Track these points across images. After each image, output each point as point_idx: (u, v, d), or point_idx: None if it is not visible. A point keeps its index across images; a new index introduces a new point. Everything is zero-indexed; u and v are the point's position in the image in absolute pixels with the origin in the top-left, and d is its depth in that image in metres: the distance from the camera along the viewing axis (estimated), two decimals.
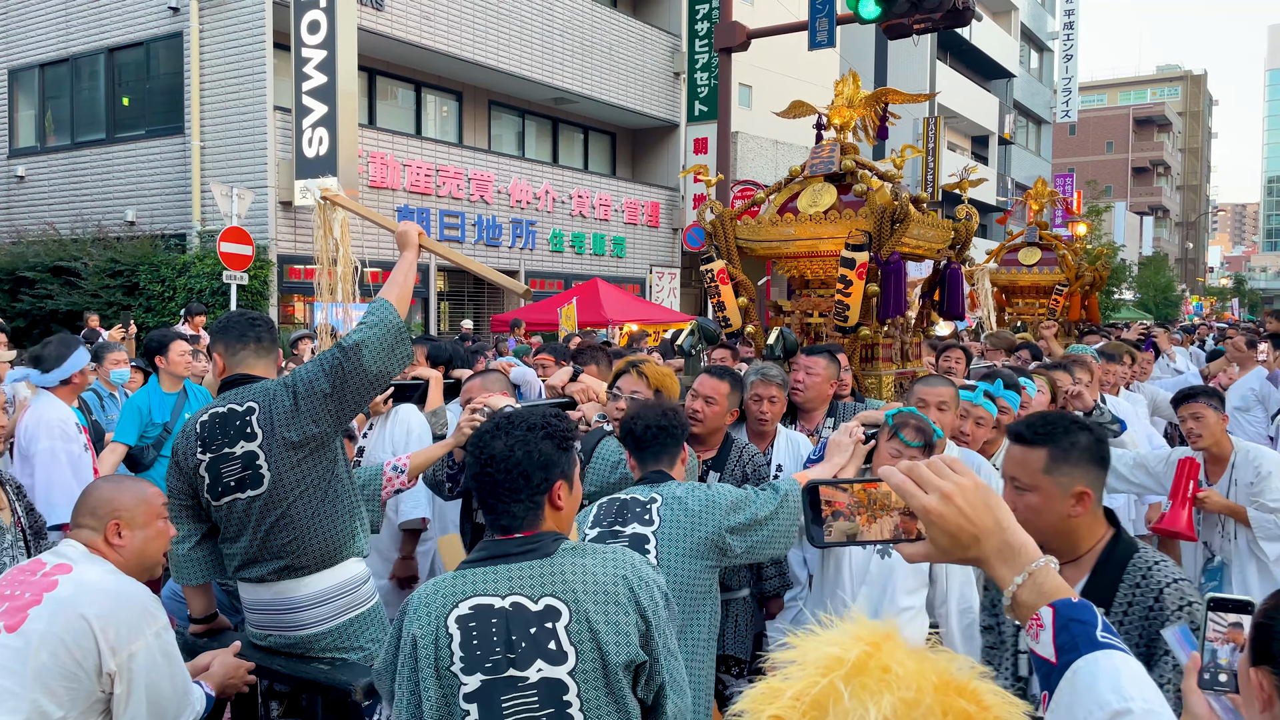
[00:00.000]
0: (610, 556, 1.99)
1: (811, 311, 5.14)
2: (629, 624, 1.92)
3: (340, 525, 2.93)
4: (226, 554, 2.95)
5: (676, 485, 2.82)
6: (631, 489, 2.84)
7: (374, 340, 2.84)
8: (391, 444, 4.21)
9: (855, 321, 4.78)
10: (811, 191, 5.09)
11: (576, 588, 1.91)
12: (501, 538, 1.98)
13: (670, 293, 21.06)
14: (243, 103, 13.89)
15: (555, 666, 1.86)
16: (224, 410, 2.87)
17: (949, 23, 10.67)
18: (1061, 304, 9.52)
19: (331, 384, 2.80)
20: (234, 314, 3.10)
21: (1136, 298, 43.94)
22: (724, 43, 12.65)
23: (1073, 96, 45.73)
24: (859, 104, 5.11)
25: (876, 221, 4.69)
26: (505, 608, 1.88)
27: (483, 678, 1.85)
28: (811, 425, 4.35)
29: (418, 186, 15.81)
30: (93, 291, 13.46)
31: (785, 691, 0.86)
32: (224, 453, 2.83)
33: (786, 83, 23.19)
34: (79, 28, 15.72)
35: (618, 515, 2.72)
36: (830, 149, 5.08)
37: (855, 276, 4.67)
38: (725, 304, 5.10)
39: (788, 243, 5.03)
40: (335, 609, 2.93)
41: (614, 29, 19.73)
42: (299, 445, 2.81)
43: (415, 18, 15.67)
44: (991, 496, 1.15)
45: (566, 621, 1.88)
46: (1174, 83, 78.16)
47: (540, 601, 1.89)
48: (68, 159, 16.00)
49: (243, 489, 2.83)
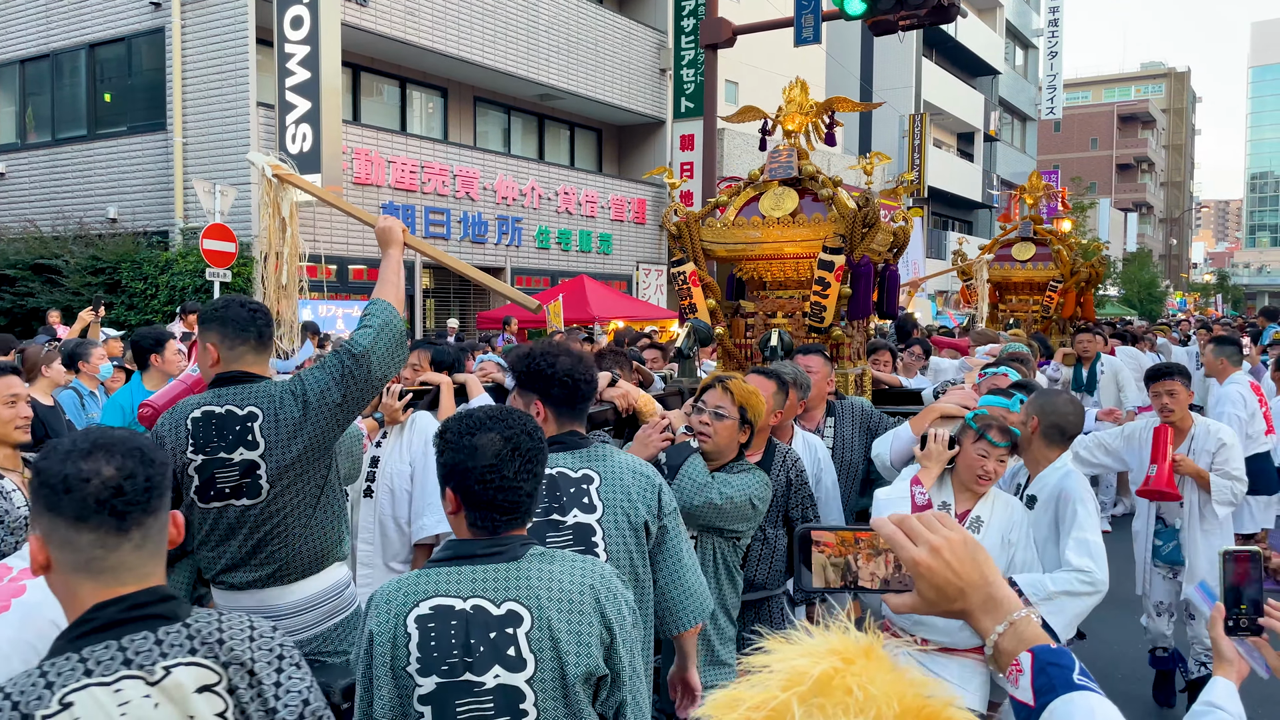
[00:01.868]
0: (579, 565, 1.93)
1: (774, 312, 5.24)
2: (592, 635, 1.86)
3: (329, 531, 2.86)
4: (206, 558, 2.82)
5: (609, 457, 2.59)
6: (551, 457, 2.46)
7: (382, 346, 2.78)
8: (410, 452, 4.06)
9: (830, 322, 4.89)
10: (773, 195, 5.19)
11: (541, 594, 1.85)
12: (472, 538, 1.92)
13: (657, 289, 21.04)
14: (225, 99, 13.79)
15: (513, 673, 1.81)
16: (222, 411, 2.69)
17: (934, 19, 10.69)
18: (1056, 300, 9.47)
19: (343, 393, 2.72)
20: (231, 301, 2.83)
21: (1121, 294, 44.19)
22: (710, 39, 12.63)
23: (1057, 93, 45.95)
24: (809, 110, 5.25)
25: (849, 225, 4.82)
26: (466, 610, 1.83)
27: (438, 680, 1.80)
28: (812, 424, 4.31)
29: (403, 183, 15.74)
30: (74, 289, 13.34)
31: (744, 702, 0.83)
32: (220, 457, 2.68)
33: (772, 79, 23.19)
34: (60, 23, 15.57)
35: (551, 498, 2.49)
36: (788, 154, 5.20)
37: (833, 279, 4.80)
38: (697, 306, 5.20)
39: (752, 245, 5.14)
40: (319, 616, 2.86)
41: (600, 25, 19.68)
42: (302, 456, 2.71)
43: (400, 13, 15.59)
44: (979, 552, 1.18)
45: (528, 628, 1.82)
46: (1158, 80, 78.59)
47: (503, 605, 1.83)
48: (49, 155, 15.86)
49: (238, 497, 2.70)
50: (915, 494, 3.28)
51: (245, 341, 2.75)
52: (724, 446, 3.21)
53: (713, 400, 3.22)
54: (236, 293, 12.72)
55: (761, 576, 3.56)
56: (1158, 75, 79.35)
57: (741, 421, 3.19)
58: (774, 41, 17.01)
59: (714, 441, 3.19)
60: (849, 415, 4.36)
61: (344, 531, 2.95)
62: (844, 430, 4.33)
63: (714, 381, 3.28)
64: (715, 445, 3.20)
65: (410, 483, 4.04)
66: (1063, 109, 49.56)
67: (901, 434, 3.80)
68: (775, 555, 3.60)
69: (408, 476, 4.03)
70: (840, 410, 4.37)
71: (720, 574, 3.22)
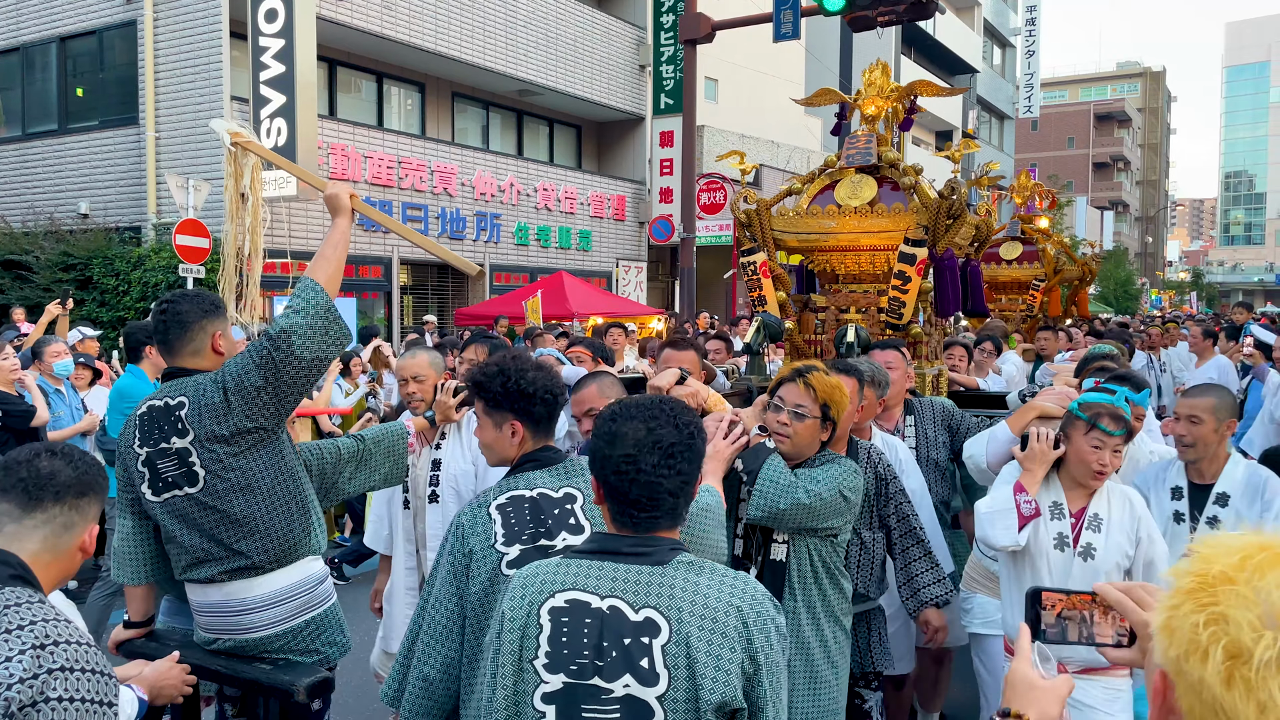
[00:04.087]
0: (729, 581, 1.74)
1: (847, 307, 4.93)
2: (732, 660, 1.67)
3: (293, 522, 2.81)
4: (172, 554, 2.83)
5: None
6: (528, 477, 2.33)
7: (303, 326, 2.70)
8: (470, 450, 3.72)
9: (909, 318, 4.62)
10: (850, 183, 4.86)
11: (683, 605, 1.68)
12: (616, 532, 1.78)
13: (637, 286, 20.99)
14: (199, 93, 13.62)
15: (645, 687, 1.65)
16: (160, 404, 2.77)
17: (912, 15, 10.70)
18: (1039, 299, 9.47)
19: (263, 377, 2.67)
20: (154, 308, 2.94)
21: (1097, 291, 44.55)
22: (689, 35, 12.60)
23: (1035, 92, 46.22)
24: (890, 94, 4.90)
25: (932, 216, 4.51)
26: (602, 609, 1.69)
27: (565, 679, 1.68)
28: (891, 424, 4.04)
29: (380, 179, 15.61)
30: (44, 286, 13.15)
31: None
32: (160, 448, 2.73)
33: (752, 76, 23.20)
34: (30, 16, 15.34)
35: (535, 522, 2.26)
36: (866, 140, 4.87)
37: (914, 273, 4.50)
38: (766, 298, 4.89)
39: (826, 236, 4.80)
40: (290, 610, 2.81)
41: (578, 21, 19.61)
42: (230, 440, 2.70)
43: (376, 7, 15.45)
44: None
45: (664, 640, 1.66)
46: (1133, 79, 79.25)
47: (641, 611, 1.68)
48: (19, 150, 15.62)
49: (179, 486, 2.73)
50: (1020, 504, 3.02)
51: (160, 341, 2.86)
52: (804, 447, 2.93)
53: (791, 397, 2.92)
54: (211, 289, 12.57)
55: (862, 584, 3.27)
56: (1133, 75, 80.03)
57: (823, 419, 2.91)
58: (753, 39, 17.00)
59: (793, 442, 2.91)
60: (929, 413, 4.10)
61: (312, 523, 2.90)
62: (925, 428, 4.06)
63: (792, 375, 2.96)
64: (795, 446, 2.92)
65: (476, 482, 3.76)
66: (1040, 108, 49.88)
67: (999, 434, 3.53)
68: (874, 561, 3.31)
69: (472, 476, 3.75)
70: (919, 408, 4.11)
71: (822, 577, 2.94)
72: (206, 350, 2.86)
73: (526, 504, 2.27)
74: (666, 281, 22.90)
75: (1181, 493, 3.53)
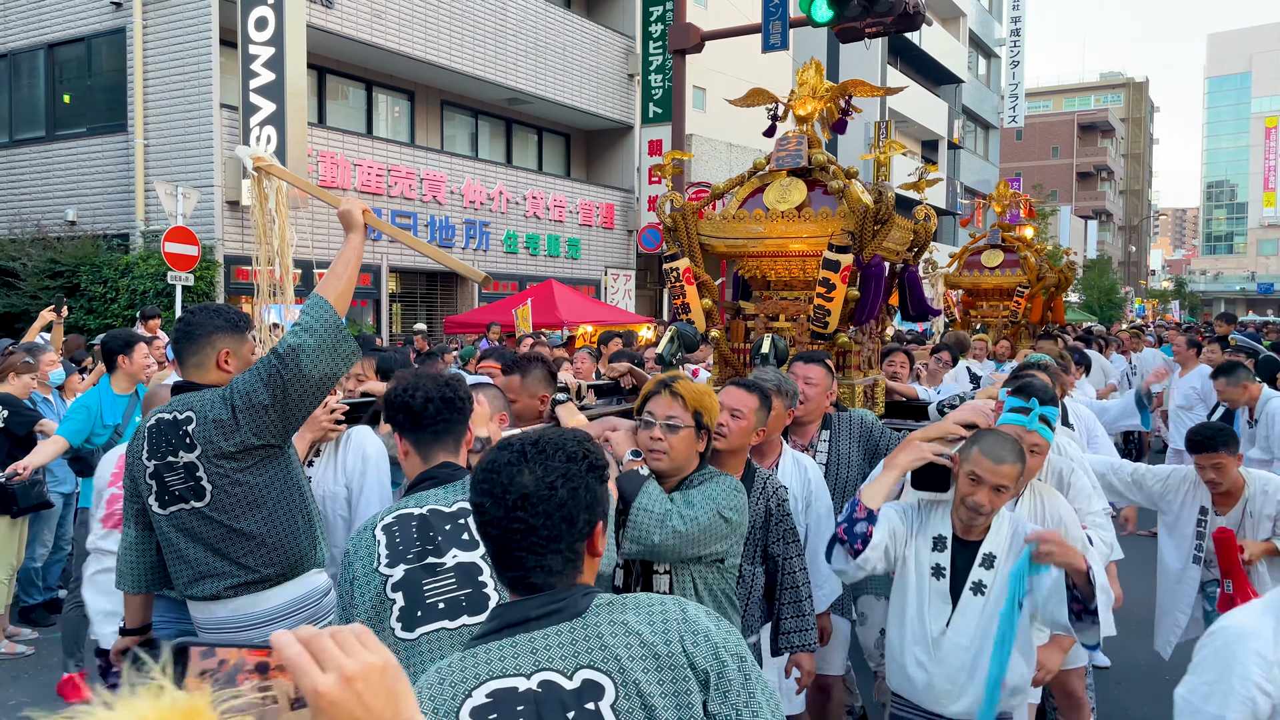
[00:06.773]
0: (657, 609, 1.52)
1: (776, 315, 4.74)
2: (692, 690, 1.46)
3: (299, 536, 2.84)
4: (174, 571, 2.84)
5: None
6: (420, 496, 2.24)
7: (312, 343, 2.69)
8: (345, 473, 3.48)
9: (835, 327, 4.42)
10: (778, 186, 4.65)
11: (620, 654, 1.45)
12: (517, 600, 1.53)
13: (625, 294, 21.04)
14: (188, 100, 13.61)
15: None
16: (169, 417, 2.78)
17: (900, 26, 10.76)
18: (1023, 306, 9.59)
19: (271, 394, 2.67)
20: (181, 315, 2.98)
21: (1081, 300, 44.85)
22: (678, 44, 12.65)
23: (1019, 102, 46.58)
24: (823, 94, 4.67)
25: (858, 222, 4.31)
26: (533, 689, 1.43)
27: None
28: (805, 440, 3.91)
29: (369, 186, 15.62)
30: (31, 293, 13.09)
31: None
32: (168, 461, 2.75)
33: (741, 85, 23.30)
34: (18, 23, 15.29)
35: (423, 540, 2.12)
36: (797, 142, 4.65)
37: (839, 280, 4.30)
38: (690, 305, 4.68)
39: (754, 241, 4.60)
40: (296, 625, 2.83)
41: (568, 30, 19.67)
42: (237, 457, 2.71)
43: (366, 16, 15.48)
44: (400, 683, 0.97)
45: (613, 699, 1.43)
46: (1117, 90, 79.93)
47: (576, 676, 1.44)
48: (6, 157, 15.56)
49: (186, 500, 2.75)
50: (843, 527, 2.88)
51: (175, 352, 2.92)
52: (683, 461, 2.76)
53: (661, 410, 2.75)
54: (199, 296, 12.55)
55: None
56: (1117, 85, 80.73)
57: (698, 428, 2.75)
58: (742, 48, 17.08)
59: (670, 458, 2.74)
60: (846, 429, 3.93)
61: (318, 535, 2.93)
62: (839, 445, 3.90)
63: (658, 387, 2.80)
64: (672, 462, 2.75)
65: (347, 508, 3.47)
66: (1025, 118, 50.25)
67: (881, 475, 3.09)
68: (752, 595, 3.18)
69: (344, 501, 3.46)
70: (837, 424, 3.93)
71: (709, 608, 2.78)
72: (210, 365, 2.88)
73: (414, 521, 2.17)
74: (655, 289, 22.95)
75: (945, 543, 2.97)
